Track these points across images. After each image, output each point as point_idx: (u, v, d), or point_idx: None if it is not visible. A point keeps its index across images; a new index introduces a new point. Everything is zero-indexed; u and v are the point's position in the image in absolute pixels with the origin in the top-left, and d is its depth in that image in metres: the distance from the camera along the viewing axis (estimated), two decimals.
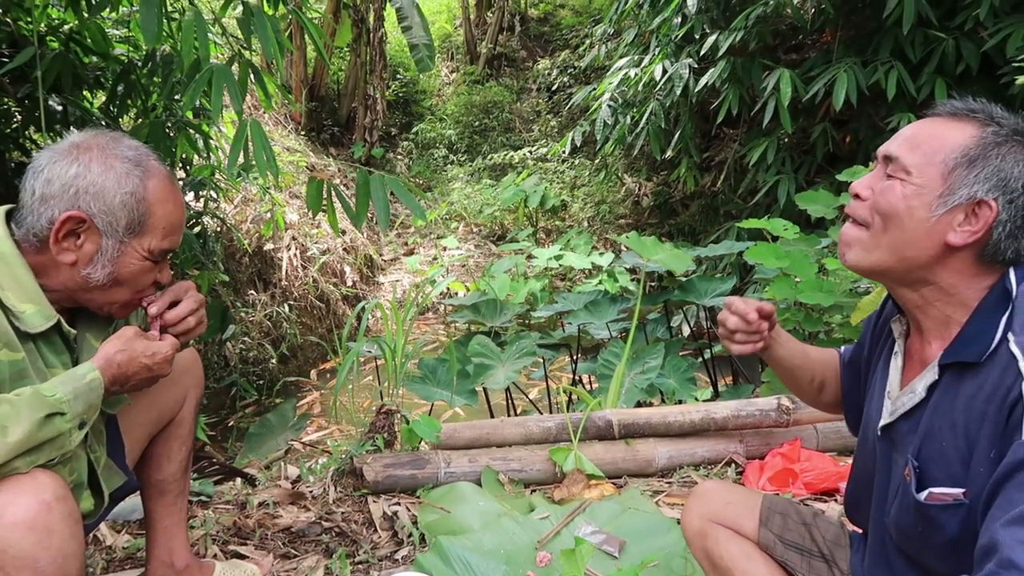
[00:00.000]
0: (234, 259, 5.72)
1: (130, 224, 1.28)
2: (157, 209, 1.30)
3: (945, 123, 1.09)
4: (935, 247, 1.07)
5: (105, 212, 1.26)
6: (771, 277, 3.27)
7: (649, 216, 8.69)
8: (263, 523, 2.19)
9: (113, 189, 1.26)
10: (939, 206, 1.05)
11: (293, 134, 9.18)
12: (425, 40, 7.37)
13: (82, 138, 1.30)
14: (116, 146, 1.30)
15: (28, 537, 1.08)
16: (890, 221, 1.09)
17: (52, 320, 1.27)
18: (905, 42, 4.87)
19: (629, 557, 1.97)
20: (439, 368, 3.07)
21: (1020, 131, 1.06)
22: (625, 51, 7.85)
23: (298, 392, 5.41)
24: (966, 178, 1.04)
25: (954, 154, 1.05)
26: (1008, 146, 1.04)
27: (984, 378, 1.03)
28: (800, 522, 1.46)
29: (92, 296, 1.32)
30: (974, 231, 1.04)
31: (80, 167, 1.26)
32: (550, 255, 7.50)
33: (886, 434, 1.21)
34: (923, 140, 1.09)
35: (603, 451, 2.49)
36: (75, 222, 1.25)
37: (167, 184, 1.33)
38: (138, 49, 3.28)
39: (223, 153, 4.23)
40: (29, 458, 1.13)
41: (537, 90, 12.08)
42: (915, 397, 1.13)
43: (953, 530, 1.04)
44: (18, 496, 1.09)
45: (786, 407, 2.53)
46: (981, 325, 1.05)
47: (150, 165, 1.32)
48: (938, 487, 1.05)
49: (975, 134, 1.06)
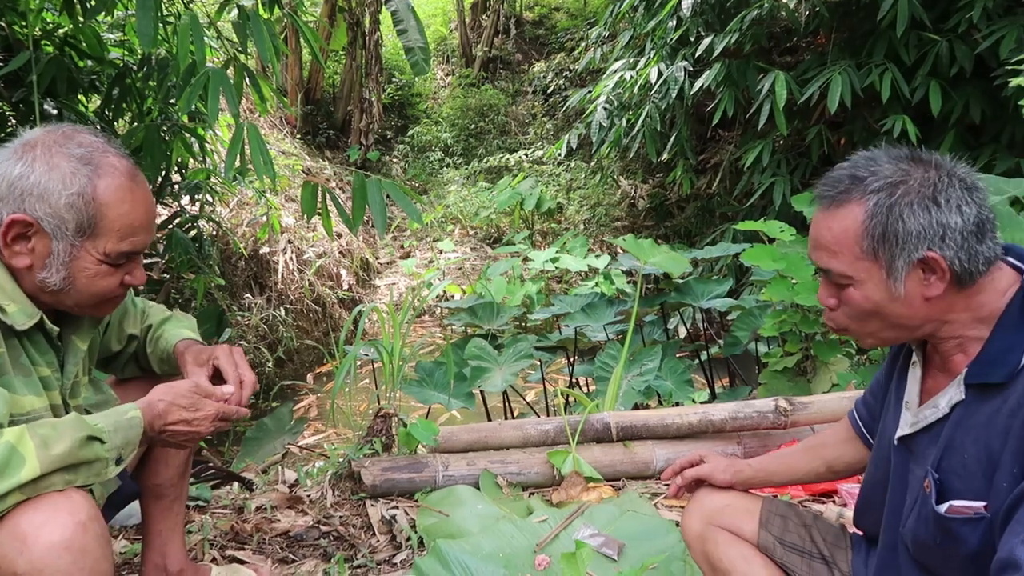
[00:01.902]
0: (230, 263, 5.70)
1: (80, 226, 1.21)
2: (110, 211, 1.22)
3: (834, 216, 1.11)
4: (921, 307, 1.08)
5: (51, 215, 1.19)
6: (767, 279, 3.28)
7: (645, 218, 8.70)
8: (261, 528, 2.18)
9: (57, 190, 1.19)
10: (894, 282, 1.07)
11: (289, 138, 9.17)
12: (420, 43, 7.37)
13: (32, 135, 1.23)
14: (65, 143, 1.22)
15: (64, 557, 1.07)
16: (868, 316, 1.12)
17: (35, 318, 1.25)
18: (899, 44, 4.89)
19: (628, 560, 1.97)
20: (436, 371, 3.07)
21: (894, 182, 1.06)
22: (620, 54, 7.87)
23: (295, 396, 5.39)
24: (892, 250, 1.06)
25: (864, 241, 1.07)
26: (897, 205, 1.05)
27: (1009, 393, 1.03)
28: (800, 524, 1.46)
29: (58, 299, 1.27)
30: (940, 278, 1.05)
31: (24, 167, 1.19)
32: (546, 258, 7.50)
33: (903, 444, 1.20)
34: (832, 243, 1.11)
35: (601, 454, 2.49)
36: (22, 225, 1.20)
37: (122, 182, 1.24)
38: (134, 53, 3.27)
39: (219, 157, 4.23)
40: (67, 477, 1.12)
41: (532, 93, 12.09)
42: (937, 412, 1.12)
43: (974, 543, 1.04)
44: (55, 516, 1.08)
45: (784, 408, 2.53)
46: (1006, 343, 1.04)
47: (103, 163, 1.23)
48: (959, 500, 1.05)
49: (862, 213, 1.07)
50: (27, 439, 1.09)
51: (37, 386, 1.27)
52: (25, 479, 1.06)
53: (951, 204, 1.04)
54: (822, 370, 3.03)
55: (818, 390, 2.94)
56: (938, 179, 1.05)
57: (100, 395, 1.48)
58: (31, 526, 1.06)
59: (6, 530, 1.06)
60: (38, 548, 1.06)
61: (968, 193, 1.05)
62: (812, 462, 1.49)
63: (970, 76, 4.78)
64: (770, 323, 3.10)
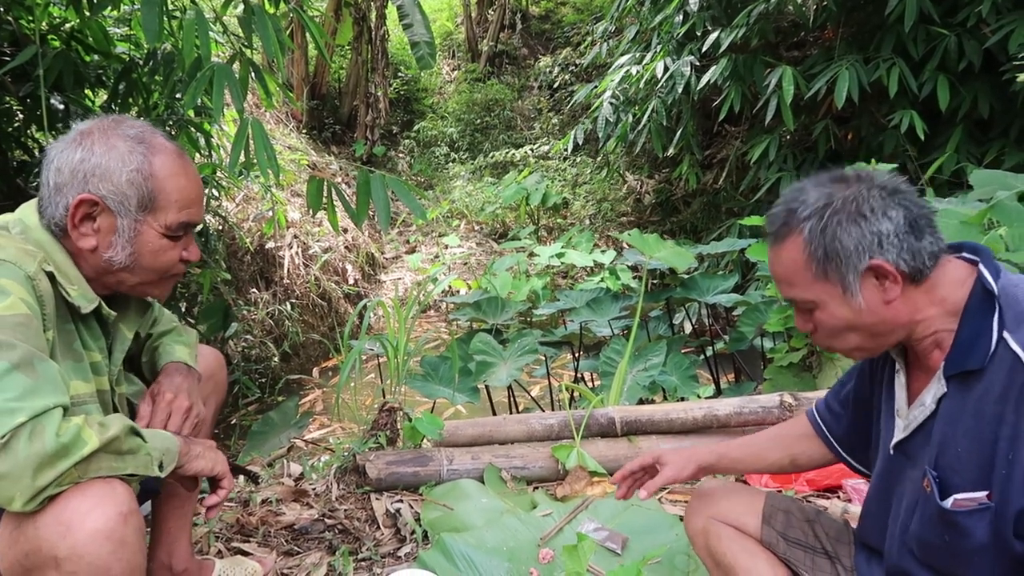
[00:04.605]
0: (236, 257, 5.72)
1: (141, 201, 1.28)
2: (167, 184, 1.30)
3: (779, 251, 1.18)
4: (886, 312, 1.13)
5: (114, 192, 1.26)
6: None
7: (651, 214, 8.68)
8: (266, 520, 2.19)
9: (118, 168, 1.26)
10: (853, 296, 1.13)
11: (294, 132, 9.18)
12: (426, 38, 7.34)
13: (86, 125, 1.30)
14: (118, 127, 1.30)
15: (105, 546, 1.09)
16: (843, 332, 1.17)
17: (94, 303, 1.29)
18: (907, 39, 4.86)
19: (632, 554, 1.97)
20: (441, 366, 3.07)
21: (820, 206, 1.13)
22: (627, 49, 7.84)
23: (300, 390, 5.41)
24: (839, 268, 1.12)
25: (812, 267, 1.14)
26: (829, 226, 1.11)
27: (991, 380, 1.05)
28: (803, 519, 1.46)
29: (121, 279, 1.32)
30: (893, 281, 1.10)
31: (84, 151, 1.26)
32: (552, 253, 7.50)
33: (899, 450, 1.22)
34: (785, 276, 1.19)
35: (606, 448, 2.49)
36: (88, 205, 1.26)
37: (175, 159, 1.32)
38: (139, 48, 3.28)
39: (224, 151, 4.24)
40: (115, 464, 1.15)
41: (538, 88, 12.07)
42: (925, 410, 1.15)
43: (982, 536, 1.05)
44: (99, 504, 1.10)
45: (789, 404, 2.53)
46: (974, 329, 1.08)
47: (155, 142, 1.31)
48: (961, 493, 1.07)
49: (801, 242, 1.14)
50: (86, 422, 1.13)
51: (86, 371, 1.30)
52: (86, 453, 1.09)
53: (877, 213, 1.10)
54: (828, 365, 3.02)
55: (823, 385, 2.94)
56: (858, 193, 1.11)
57: (134, 386, 1.52)
58: (76, 513, 1.09)
59: (52, 514, 1.09)
60: (82, 534, 1.08)
61: (891, 198, 1.11)
62: (778, 453, 1.51)
63: (979, 71, 4.75)
64: (776, 318, 3.09)
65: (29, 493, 1.05)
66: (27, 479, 1.04)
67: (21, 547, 1.11)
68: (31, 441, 1.05)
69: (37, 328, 1.17)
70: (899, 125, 4.88)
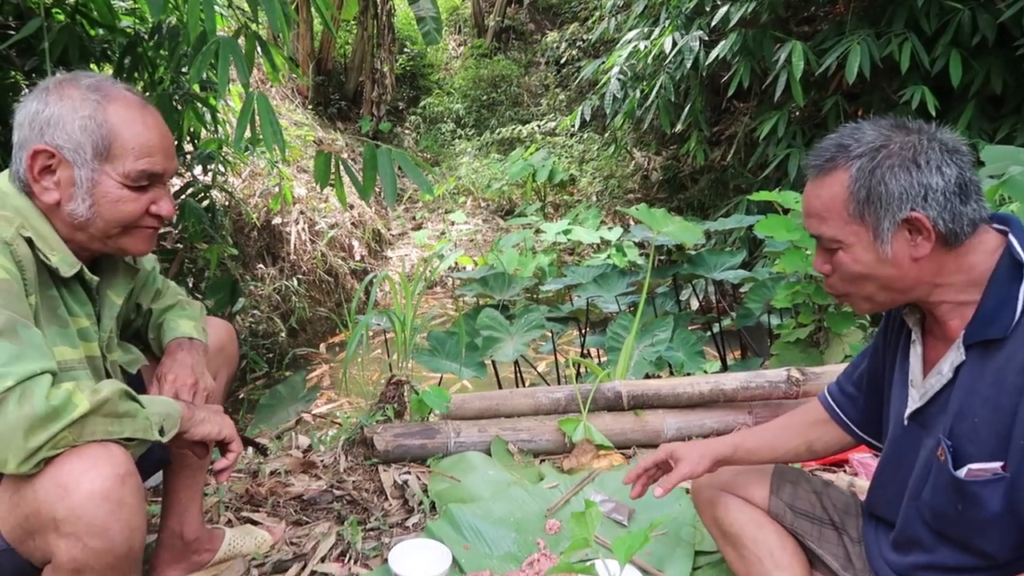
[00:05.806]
0: (243, 233, 5.72)
1: (96, 149, 1.26)
2: (123, 131, 1.27)
3: (822, 183, 1.16)
4: (910, 268, 1.10)
5: (68, 140, 1.25)
6: (781, 250, 3.25)
7: (658, 190, 8.64)
8: (275, 491, 2.22)
9: (71, 116, 1.25)
10: (882, 243, 1.10)
11: (300, 108, 9.14)
12: (432, 13, 7.27)
13: (46, 80, 1.30)
14: (75, 79, 1.29)
15: (103, 507, 1.11)
16: (861, 279, 1.15)
17: (76, 267, 1.29)
18: (920, 13, 4.78)
19: (638, 525, 1.99)
20: (448, 341, 3.08)
21: (875, 147, 1.10)
22: (634, 24, 7.75)
23: (308, 365, 5.44)
24: (877, 212, 1.09)
25: (850, 205, 1.11)
26: (880, 168, 1.09)
27: (1013, 350, 1.04)
28: (810, 491, 1.46)
29: (91, 235, 1.30)
30: (926, 238, 1.08)
31: (39, 103, 1.26)
32: (558, 229, 7.48)
33: (914, 420, 1.21)
34: (821, 210, 1.15)
35: (612, 422, 2.50)
36: (45, 156, 1.25)
37: (132, 106, 1.30)
38: (144, 21, 3.25)
39: (230, 126, 4.22)
40: (111, 427, 1.15)
41: (545, 64, 11.96)
42: (942, 379, 1.14)
43: (996, 506, 1.06)
44: (95, 466, 1.11)
45: (796, 378, 2.53)
46: (999, 298, 1.06)
47: (111, 91, 1.29)
48: (976, 463, 1.06)
49: (847, 178, 1.11)
50: (77, 387, 1.14)
51: (73, 337, 1.30)
52: (77, 416, 1.10)
53: (931, 165, 1.07)
54: (835, 341, 3.02)
55: (830, 361, 2.94)
56: (918, 142, 1.08)
57: (130, 355, 1.52)
58: (72, 475, 1.10)
59: (49, 477, 1.10)
60: (78, 495, 1.09)
61: (949, 155, 1.08)
62: (795, 441, 1.49)
63: (992, 45, 4.68)
64: (783, 294, 3.08)
65: (22, 455, 1.06)
66: (19, 440, 1.06)
67: (21, 510, 1.12)
68: (20, 404, 1.06)
69: (19, 293, 1.17)
70: (910, 101, 4.82)
